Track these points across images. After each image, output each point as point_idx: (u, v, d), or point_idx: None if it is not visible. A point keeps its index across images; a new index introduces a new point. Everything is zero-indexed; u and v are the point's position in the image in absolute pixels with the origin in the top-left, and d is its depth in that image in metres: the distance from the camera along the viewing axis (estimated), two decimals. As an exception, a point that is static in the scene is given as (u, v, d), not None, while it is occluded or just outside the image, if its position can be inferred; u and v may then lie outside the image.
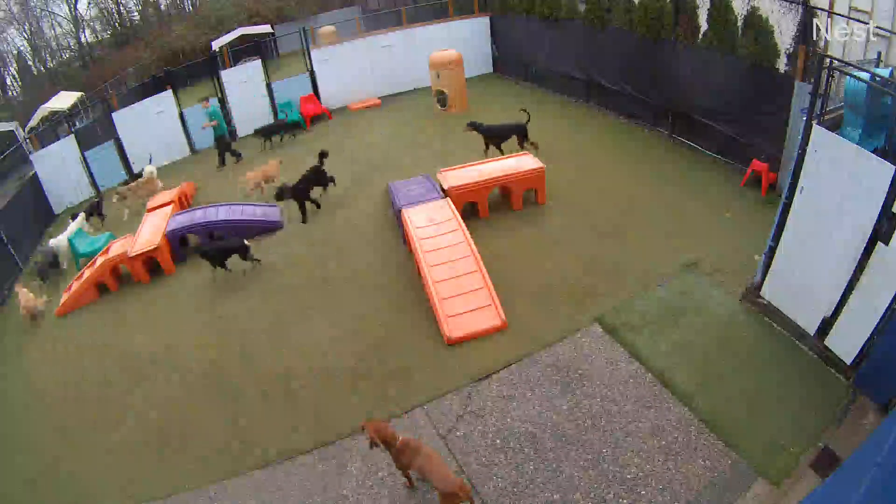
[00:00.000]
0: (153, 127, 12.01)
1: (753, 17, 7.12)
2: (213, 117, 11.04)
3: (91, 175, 11.67)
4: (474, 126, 8.95)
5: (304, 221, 8.27)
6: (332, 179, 8.75)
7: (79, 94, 17.99)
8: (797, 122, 5.97)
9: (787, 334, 5.07)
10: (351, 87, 13.46)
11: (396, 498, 4.24)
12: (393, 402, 5.02)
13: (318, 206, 8.56)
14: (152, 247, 7.53)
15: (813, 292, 4.78)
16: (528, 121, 8.77)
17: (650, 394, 4.72)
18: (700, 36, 8.07)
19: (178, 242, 7.91)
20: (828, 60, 4.30)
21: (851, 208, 4.27)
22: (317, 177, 8.51)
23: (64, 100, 17.08)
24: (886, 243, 4.03)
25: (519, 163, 7.76)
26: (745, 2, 7.22)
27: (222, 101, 12.60)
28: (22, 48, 29.37)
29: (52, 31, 29.73)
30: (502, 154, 8.87)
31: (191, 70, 18.73)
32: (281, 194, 8.03)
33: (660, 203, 7.40)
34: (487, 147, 9.05)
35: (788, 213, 4.91)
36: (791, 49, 6.83)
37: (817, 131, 4.48)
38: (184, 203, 9.31)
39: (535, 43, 12.37)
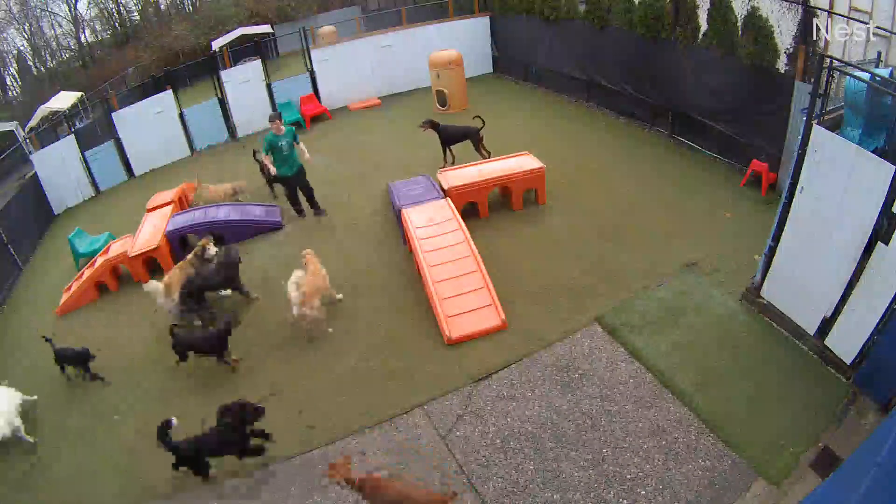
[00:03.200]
0: (153, 127, 12.00)
1: (753, 17, 7.12)
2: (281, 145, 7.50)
3: (91, 175, 11.67)
4: (432, 124, 8.76)
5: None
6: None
7: (79, 94, 18.00)
8: (797, 122, 5.97)
9: (787, 334, 5.07)
10: (351, 87, 13.45)
11: (396, 498, 4.24)
12: (393, 402, 5.02)
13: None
14: (152, 247, 7.52)
15: (813, 292, 4.78)
16: (483, 127, 8.69)
17: (650, 394, 4.72)
18: (700, 36, 8.07)
19: (178, 242, 7.90)
20: (828, 60, 4.29)
21: (851, 208, 4.27)
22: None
23: (64, 100, 17.09)
24: (886, 243, 4.03)
25: (519, 163, 7.75)
26: (745, 2, 7.21)
27: (222, 101, 12.61)
28: (22, 48, 29.43)
29: (52, 31, 29.79)
30: (449, 157, 8.92)
31: (191, 70, 18.78)
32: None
33: (660, 203, 7.40)
34: (444, 150, 9.01)
35: (788, 213, 4.91)
36: (791, 49, 6.83)
37: (817, 131, 4.48)
38: (184, 203, 9.30)
39: (535, 43, 12.36)
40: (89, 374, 5.86)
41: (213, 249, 6.67)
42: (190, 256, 6.79)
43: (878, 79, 4.28)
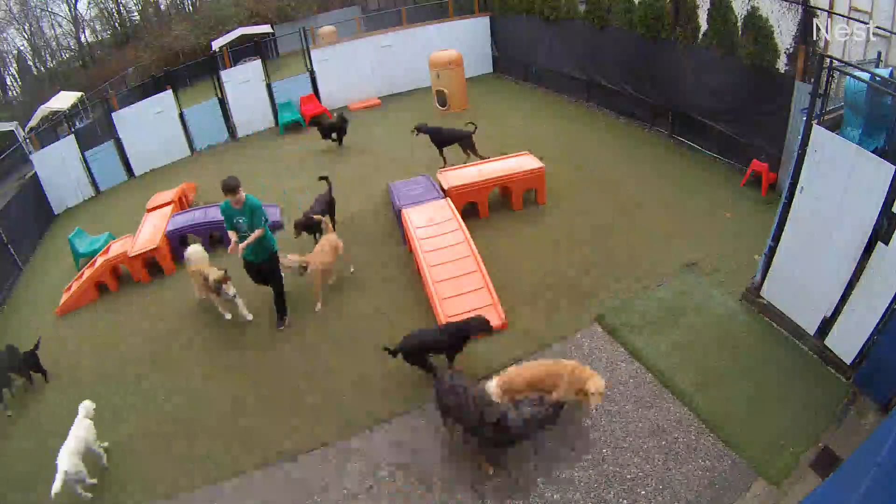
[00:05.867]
0: (153, 127, 12.01)
1: (753, 17, 7.12)
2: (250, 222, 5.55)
3: (91, 175, 11.67)
4: (423, 129, 8.82)
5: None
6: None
7: (79, 94, 18.02)
8: (797, 122, 5.97)
9: (787, 334, 5.08)
10: (351, 87, 13.47)
11: (396, 498, 4.24)
12: (393, 401, 5.02)
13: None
14: (152, 247, 7.52)
15: (813, 292, 4.78)
16: (475, 131, 8.69)
17: (650, 394, 4.72)
18: (700, 36, 8.08)
19: (178, 242, 7.90)
20: (828, 60, 4.30)
21: (851, 208, 4.27)
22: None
23: (64, 100, 17.11)
24: (886, 243, 4.03)
25: (519, 163, 7.76)
26: (745, 2, 7.22)
27: (222, 102, 12.61)
28: (22, 48, 29.47)
29: (52, 31, 29.84)
30: (444, 159, 8.93)
31: (191, 70, 18.81)
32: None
33: (660, 203, 7.40)
34: (440, 151, 9.02)
35: (788, 213, 4.91)
36: (791, 49, 6.83)
37: (817, 131, 4.48)
38: (184, 203, 9.30)
39: (535, 43, 12.37)
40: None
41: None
42: (203, 280, 6.33)
43: (878, 79, 4.28)
